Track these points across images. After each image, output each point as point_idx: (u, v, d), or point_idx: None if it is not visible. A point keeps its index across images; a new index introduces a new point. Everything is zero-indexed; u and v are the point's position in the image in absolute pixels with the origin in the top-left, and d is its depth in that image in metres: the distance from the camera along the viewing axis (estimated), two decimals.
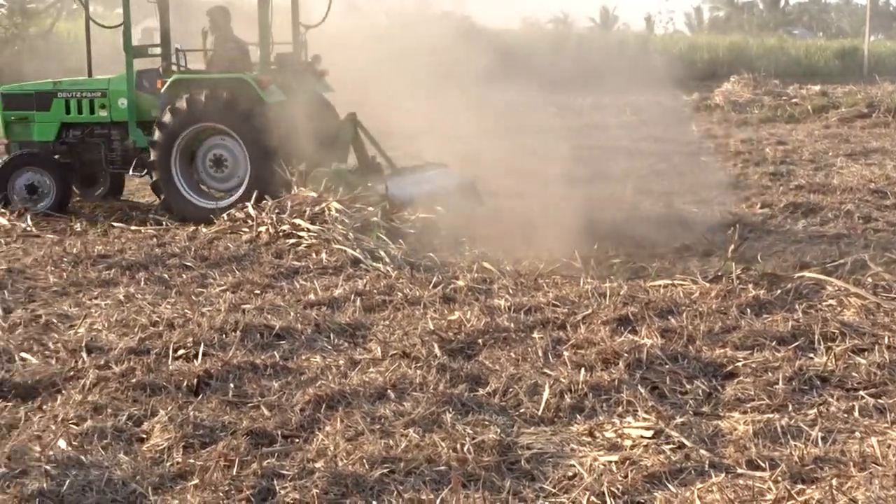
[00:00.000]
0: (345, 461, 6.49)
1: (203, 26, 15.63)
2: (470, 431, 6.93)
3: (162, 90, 14.87)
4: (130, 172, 15.50)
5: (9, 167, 15.39)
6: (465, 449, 6.65)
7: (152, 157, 14.73)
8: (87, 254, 12.01)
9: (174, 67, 15.13)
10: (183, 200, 14.72)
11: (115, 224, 14.49)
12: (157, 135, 14.68)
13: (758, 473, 6.32)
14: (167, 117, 14.59)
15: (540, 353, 8.45)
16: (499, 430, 6.97)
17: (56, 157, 15.59)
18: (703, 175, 19.06)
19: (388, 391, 7.68)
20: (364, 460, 6.46)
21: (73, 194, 15.69)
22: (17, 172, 15.38)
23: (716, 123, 29.34)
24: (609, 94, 34.74)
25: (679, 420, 7.16)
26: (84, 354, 8.50)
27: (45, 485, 6.11)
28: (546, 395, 7.59)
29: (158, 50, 15.35)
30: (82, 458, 6.51)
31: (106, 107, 15.45)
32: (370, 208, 13.20)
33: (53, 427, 7.03)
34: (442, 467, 6.43)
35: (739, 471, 6.39)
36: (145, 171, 15.14)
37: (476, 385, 7.90)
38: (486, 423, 7.13)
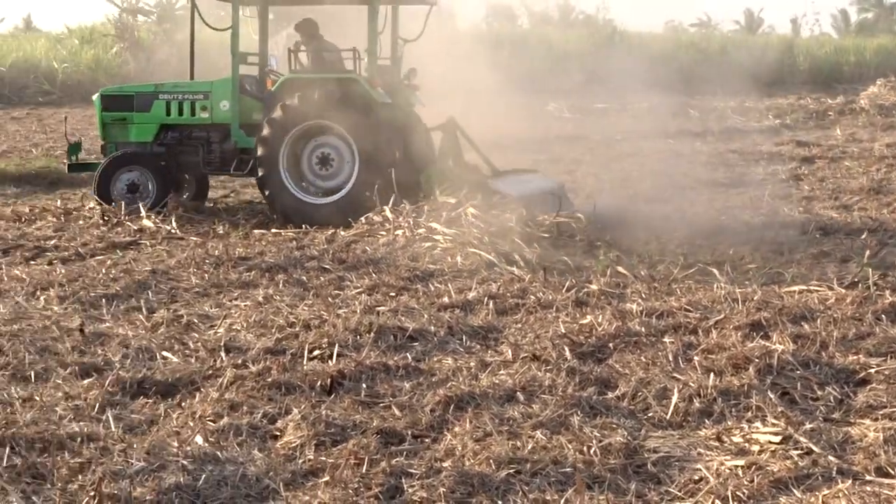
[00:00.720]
0: (472, 461, 6.59)
1: (296, 39, 15.94)
2: (597, 434, 6.97)
3: (272, 89, 15.16)
4: (231, 172, 15.79)
5: (111, 167, 15.72)
6: (592, 451, 6.70)
7: (259, 155, 14.99)
8: (228, 256, 12.26)
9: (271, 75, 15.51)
10: (290, 197, 14.96)
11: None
12: (266, 132, 14.93)
13: (886, 480, 6.28)
14: (278, 114, 14.84)
15: (670, 358, 8.46)
16: (626, 434, 7.01)
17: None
18: (844, 180, 18.85)
19: (518, 393, 7.76)
20: (491, 460, 6.54)
21: (171, 193, 15.91)
22: (118, 172, 15.71)
23: (861, 127, 28.87)
24: (752, 97, 34.43)
25: (808, 426, 7.11)
26: (223, 354, 8.73)
27: (181, 479, 6.31)
28: (675, 399, 7.60)
29: (273, 61, 15.73)
30: (218, 453, 6.71)
31: (207, 109, 15.76)
32: (506, 213, 13.31)
33: (191, 423, 7.24)
34: (568, 469, 6.49)
35: (868, 478, 6.34)
36: (246, 171, 15.45)
37: (605, 388, 7.94)
38: (614, 426, 7.17)
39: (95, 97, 16.59)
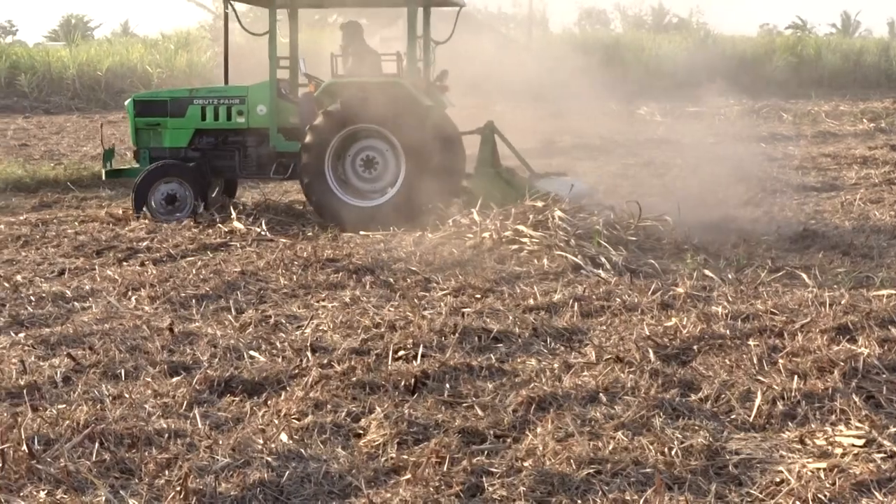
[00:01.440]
0: (552, 461, 6.62)
1: (339, 40, 16.04)
2: (679, 436, 6.99)
3: (315, 93, 15.21)
4: (271, 176, 15.92)
5: (149, 179, 15.72)
6: (673, 452, 6.71)
7: (304, 160, 15.06)
8: (316, 258, 12.36)
9: (303, 79, 15.70)
10: (336, 201, 15.02)
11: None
12: (310, 137, 14.99)
13: None
14: (322, 119, 14.91)
15: (755, 361, 8.43)
16: (708, 435, 7.01)
17: (189, 164, 15.87)
18: None
19: (600, 394, 7.79)
20: (571, 460, 6.58)
21: (209, 202, 15.98)
22: (156, 183, 15.71)
23: None
24: (846, 100, 33.99)
25: (893, 429, 7.06)
26: (309, 353, 8.82)
27: (266, 475, 6.41)
28: (758, 401, 7.58)
29: (302, 63, 15.80)
30: (302, 451, 6.81)
31: (243, 113, 15.80)
32: (594, 216, 13.33)
33: (276, 421, 7.35)
34: (648, 469, 6.50)
35: None
36: (286, 174, 15.62)
37: (688, 390, 7.94)
38: (696, 427, 7.18)
39: (128, 102, 16.57)
